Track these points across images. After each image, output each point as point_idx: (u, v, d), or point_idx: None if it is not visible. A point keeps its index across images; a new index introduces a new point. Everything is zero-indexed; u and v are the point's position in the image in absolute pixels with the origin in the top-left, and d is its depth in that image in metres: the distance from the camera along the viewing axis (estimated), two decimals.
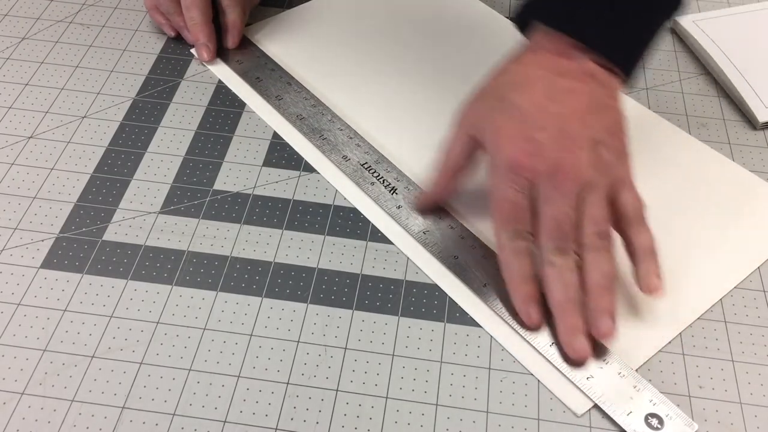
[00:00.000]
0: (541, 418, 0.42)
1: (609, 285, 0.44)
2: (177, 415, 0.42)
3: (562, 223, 0.44)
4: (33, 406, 0.42)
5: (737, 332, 0.46)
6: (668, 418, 0.42)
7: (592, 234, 0.44)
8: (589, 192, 0.45)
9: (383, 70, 0.61)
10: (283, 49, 0.63)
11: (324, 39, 0.64)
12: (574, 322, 0.44)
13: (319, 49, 0.63)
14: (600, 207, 0.45)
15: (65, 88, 0.60)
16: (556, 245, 0.44)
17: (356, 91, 0.60)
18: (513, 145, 0.46)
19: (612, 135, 0.47)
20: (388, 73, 0.52)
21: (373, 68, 0.62)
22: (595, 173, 0.45)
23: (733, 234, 0.51)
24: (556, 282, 0.44)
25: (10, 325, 0.45)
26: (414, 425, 0.42)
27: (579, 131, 0.46)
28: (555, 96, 0.47)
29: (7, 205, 0.52)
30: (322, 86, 0.60)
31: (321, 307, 0.47)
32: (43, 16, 0.67)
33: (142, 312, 0.46)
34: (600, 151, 0.46)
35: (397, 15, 0.66)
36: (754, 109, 0.59)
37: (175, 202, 0.52)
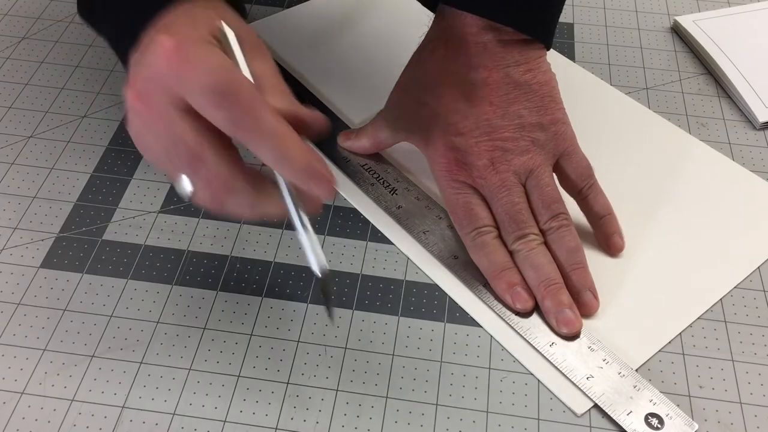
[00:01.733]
0: (541, 418, 0.42)
1: (579, 259, 0.46)
2: (177, 415, 0.42)
3: (515, 213, 0.46)
4: (33, 406, 0.42)
5: (737, 332, 0.46)
6: (668, 417, 0.42)
7: (547, 219, 0.47)
8: (530, 176, 0.47)
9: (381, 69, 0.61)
10: (282, 48, 0.63)
11: (322, 38, 0.64)
12: (555, 299, 0.45)
13: (317, 48, 0.63)
14: (546, 188, 0.47)
15: (65, 88, 0.60)
16: (514, 235, 0.46)
17: (355, 91, 0.60)
18: (440, 157, 0.47)
19: (540, 111, 0.47)
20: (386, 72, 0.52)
21: (371, 67, 0.62)
22: (531, 157, 0.47)
23: (733, 234, 0.51)
24: (525, 267, 0.46)
25: (10, 324, 0.45)
26: (414, 425, 0.42)
27: (501, 123, 0.47)
28: (470, 93, 0.47)
29: (7, 205, 0.52)
30: (320, 84, 0.60)
31: (321, 307, 0.47)
32: (43, 16, 0.67)
33: (142, 312, 0.46)
34: (530, 134, 0.47)
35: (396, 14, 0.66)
36: (754, 109, 0.59)
37: (175, 202, 0.52)
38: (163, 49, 0.34)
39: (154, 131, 0.36)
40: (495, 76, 0.46)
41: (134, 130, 0.37)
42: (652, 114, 0.59)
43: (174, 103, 0.35)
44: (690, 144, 0.57)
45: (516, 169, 0.47)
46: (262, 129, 0.34)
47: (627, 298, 0.47)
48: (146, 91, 0.35)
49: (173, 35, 0.34)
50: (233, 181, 0.36)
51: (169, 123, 0.35)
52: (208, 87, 0.33)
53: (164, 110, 0.35)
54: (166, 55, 0.34)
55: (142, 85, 0.35)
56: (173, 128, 0.35)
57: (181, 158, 0.36)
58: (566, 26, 0.68)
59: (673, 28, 0.68)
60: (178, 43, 0.34)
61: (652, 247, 0.50)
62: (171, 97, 0.34)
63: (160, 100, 0.35)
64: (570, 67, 0.63)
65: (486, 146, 0.47)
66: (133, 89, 0.36)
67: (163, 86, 0.34)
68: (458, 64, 0.47)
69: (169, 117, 0.35)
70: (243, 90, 0.34)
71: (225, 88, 0.33)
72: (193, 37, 0.35)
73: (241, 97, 0.34)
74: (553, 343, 0.45)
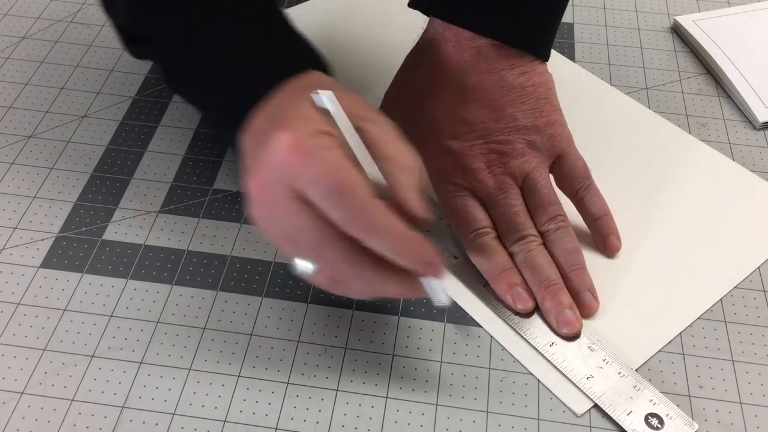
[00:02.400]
0: (541, 418, 0.42)
1: (577, 260, 0.46)
2: (177, 415, 0.42)
3: (513, 216, 0.46)
4: (33, 406, 0.42)
5: (737, 332, 0.46)
6: (668, 417, 0.42)
7: (545, 221, 0.47)
8: (527, 179, 0.47)
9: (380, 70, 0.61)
10: None
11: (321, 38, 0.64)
12: (555, 300, 0.45)
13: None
14: (543, 191, 0.47)
15: (65, 88, 0.60)
16: (513, 238, 0.46)
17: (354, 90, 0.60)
18: (436, 160, 0.47)
19: (535, 113, 0.47)
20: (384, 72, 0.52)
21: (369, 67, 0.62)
22: (527, 160, 0.47)
23: (733, 234, 0.51)
24: (525, 269, 0.46)
25: (10, 324, 0.45)
26: (414, 425, 0.42)
27: (496, 126, 0.47)
28: (464, 96, 0.47)
29: (7, 205, 0.52)
30: None
31: (321, 307, 0.47)
32: (43, 16, 0.67)
33: (142, 311, 0.46)
34: (526, 137, 0.47)
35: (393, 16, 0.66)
36: (754, 109, 0.59)
37: (175, 202, 0.52)
38: (281, 147, 0.36)
39: (276, 219, 0.38)
40: (489, 79, 0.46)
41: (256, 216, 0.38)
42: (652, 114, 0.59)
43: (294, 196, 0.36)
44: (690, 144, 0.57)
45: (512, 171, 0.47)
46: (374, 229, 0.36)
47: (627, 298, 0.47)
48: (267, 184, 0.37)
49: (290, 130, 0.36)
50: (356, 266, 0.37)
51: (290, 213, 0.36)
52: (323, 186, 0.35)
53: (285, 202, 0.36)
54: (284, 153, 0.35)
55: (264, 179, 0.37)
56: (295, 219, 0.36)
57: (305, 245, 0.37)
58: (566, 26, 0.68)
59: (673, 28, 0.68)
60: (296, 141, 0.36)
61: (652, 247, 0.50)
62: (291, 191, 0.36)
63: (281, 193, 0.36)
64: (570, 67, 0.63)
65: (481, 149, 0.47)
66: (255, 181, 0.37)
67: (282, 181, 0.36)
68: (452, 68, 0.47)
69: (290, 208, 0.36)
70: (356, 190, 0.35)
71: (339, 189, 0.35)
72: (308, 131, 0.36)
73: (354, 198, 0.35)
74: (553, 343, 0.45)
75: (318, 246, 0.37)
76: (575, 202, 0.49)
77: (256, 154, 0.38)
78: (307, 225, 0.36)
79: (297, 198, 0.36)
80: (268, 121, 0.38)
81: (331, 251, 0.37)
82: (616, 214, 0.49)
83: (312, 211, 0.36)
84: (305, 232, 0.37)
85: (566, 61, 0.64)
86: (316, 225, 0.36)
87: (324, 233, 0.36)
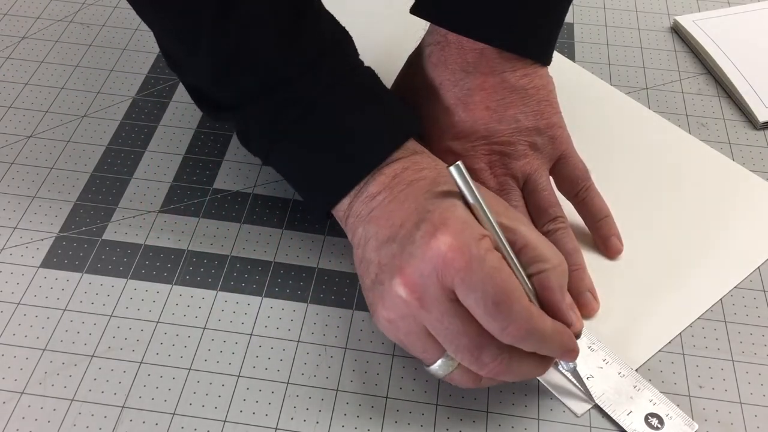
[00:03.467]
0: (541, 418, 0.42)
1: (577, 261, 0.47)
2: (177, 415, 0.42)
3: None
4: (33, 406, 0.42)
5: (737, 332, 0.46)
6: (668, 417, 0.42)
7: (545, 222, 0.47)
8: (528, 180, 0.47)
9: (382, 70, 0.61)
10: None
11: None
12: None
13: None
14: (543, 192, 0.47)
15: (65, 88, 0.60)
16: None
17: None
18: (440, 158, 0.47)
19: (536, 115, 0.47)
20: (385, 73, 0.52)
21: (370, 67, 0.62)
22: (528, 162, 0.47)
23: (733, 234, 0.51)
24: None
25: (10, 324, 0.45)
26: (414, 425, 0.42)
27: (498, 128, 0.47)
28: (466, 98, 0.47)
29: (7, 205, 0.52)
30: None
31: (321, 307, 0.47)
32: (42, 15, 0.66)
33: (141, 311, 0.46)
34: (527, 138, 0.47)
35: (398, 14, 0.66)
36: (754, 109, 0.59)
37: (175, 201, 0.52)
38: (444, 248, 0.36)
39: (421, 319, 0.38)
40: (491, 81, 0.46)
41: (394, 315, 0.38)
42: (652, 114, 0.59)
43: (453, 299, 0.36)
44: (690, 144, 0.57)
45: (513, 173, 0.47)
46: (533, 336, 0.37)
47: (627, 298, 0.47)
48: (422, 283, 0.37)
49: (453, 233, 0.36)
50: (510, 365, 0.38)
51: (446, 315, 0.37)
52: (487, 295, 0.35)
53: (442, 303, 0.36)
54: (448, 255, 0.36)
55: (417, 277, 0.37)
56: (450, 321, 0.37)
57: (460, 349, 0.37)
58: (566, 26, 0.67)
59: (673, 28, 0.68)
60: (461, 244, 0.36)
61: (652, 247, 0.50)
62: (449, 293, 0.36)
63: (437, 294, 0.36)
64: (570, 67, 0.63)
65: (483, 150, 0.47)
66: (406, 277, 0.37)
67: (442, 282, 0.36)
68: (454, 69, 0.47)
69: (446, 310, 0.36)
70: (518, 300, 0.36)
71: (502, 299, 0.35)
72: (473, 236, 0.36)
73: (516, 308, 0.36)
74: None
75: (476, 349, 0.37)
76: (575, 204, 0.49)
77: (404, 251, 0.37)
78: (464, 329, 0.37)
79: (456, 301, 0.36)
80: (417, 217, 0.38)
81: (489, 355, 0.37)
82: (615, 214, 0.49)
83: (470, 315, 0.36)
84: (463, 335, 0.37)
85: (566, 61, 0.64)
86: (475, 329, 0.37)
87: (484, 338, 0.37)
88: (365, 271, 0.40)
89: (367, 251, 0.40)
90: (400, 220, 0.39)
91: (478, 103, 0.47)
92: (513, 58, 0.46)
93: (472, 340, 0.37)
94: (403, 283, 0.37)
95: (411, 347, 0.40)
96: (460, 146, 0.47)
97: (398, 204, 0.40)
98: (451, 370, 0.39)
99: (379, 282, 0.39)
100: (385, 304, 0.38)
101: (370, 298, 0.40)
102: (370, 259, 0.40)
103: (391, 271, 0.38)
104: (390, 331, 0.39)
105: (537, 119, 0.47)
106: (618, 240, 0.49)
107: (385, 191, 0.41)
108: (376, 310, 0.39)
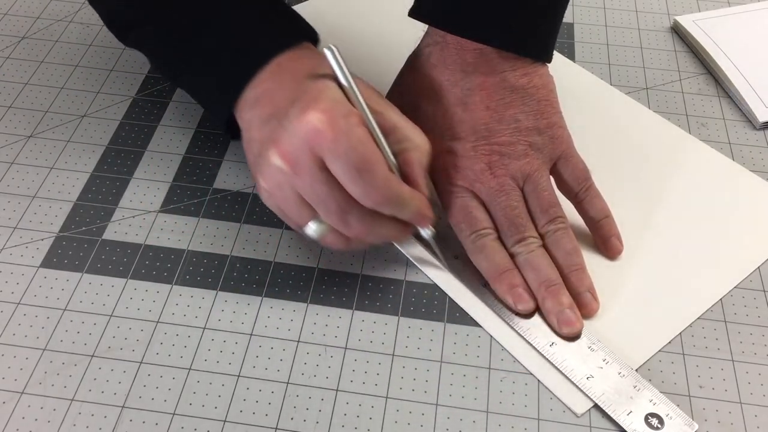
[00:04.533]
0: (541, 418, 0.42)
1: (577, 261, 0.47)
2: (177, 415, 0.42)
3: (514, 217, 0.47)
4: (33, 406, 0.42)
5: (737, 332, 0.46)
6: (668, 417, 0.42)
7: (545, 223, 0.47)
8: (528, 181, 0.47)
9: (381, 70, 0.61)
10: None
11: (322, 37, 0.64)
12: (556, 300, 0.45)
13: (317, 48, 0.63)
14: (543, 192, 0.47)
15: (65, 88, 0.60)
16: (514, 239, 0.47)
17: None
18: (437, 161, 0.47)
19: (537, 115, 0.47)
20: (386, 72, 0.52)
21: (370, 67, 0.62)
22: (528, 162, 0.47)
23: (733, 234, 0.51)
24: (526, 269, 0.46)
25: (10, 324, 0.45)
26: (414, 425, 0.42)
27: (498, 128, 0.47)
28: (466, 98, 0.47)
29: (6, 205, 0.52)
30: None
31: (321, 307, 0.47)
32: (42, 15, 0.66)
33: (142, 311, 0.46)
34: (527, 138, 0.47)
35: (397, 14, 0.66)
36: (754, 109, 0.59)
37: (175, 201, 0.52)
38: (315, 122, 0.39)
39: (296, 186, 0.41)
40: (491, 81, 0.46)
41: (271, 182, 0.42)
42: (652, 114, 0.59)
43: (322, 167, 0.40)
44: (690, 144, 0.57)
45: (513, 173, 0.47)
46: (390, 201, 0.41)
47: (627, 298, 0.47)
48: (295, 152, 0.40)
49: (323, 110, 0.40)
50: (372, 226, 0.42)
51: (316, 181, 0.40)
52: (350, 162, 0.39)
53: (312, 170, 0.40)
54: (318, 127, 0.39)
55: (292, 147, 0.40)
56: (320, 186, 0.40)
57: (328, 211, 0.41)
58: (566, 26, 0.68)
59: (673, 28, 0.68)
60: (330, 118, 0.39)
61: (652, 247, 0.50)
62: (319, 161, 0.40)
63: (308, 162, 0.40)
64: (570, 67, 0.63)
65: (483, 150, 0.47)
66: (280, 147, 0.41)
67: (312, 151, 0.40)
68: (454, 70, 0.47)
69: (316, 176, 0.40)
70: (378, 168, 0.40)
71: (363, 166, 0.39)
72: (341, 112, 0.40)
73: (375, 175, 0.40)
74: (553, 343, 0.45)
75: (342, 212, 0.41)
76: (576, 204, 0.49)
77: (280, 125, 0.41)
78: (332, 193, 0.40)
79: (325, 169, 0.40)
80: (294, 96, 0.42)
81: (354, 218, 0.41)
82: (615, 214, 0.49)
83: (337, 182, 0.40)
84: (331, 199, 0.41)
85: (566, 61, 0.64)
86: (342, 195, 0.41)
87: (349, 202, 0.41)
88: (250, 150, 0.44)
89: (252, 131, 0.44)
90: (280, 101, 0.42)
91: (477, 103, 0.47)
92: (512, 58, 0.46)
93: (339, 204, 0.41)
94: (278, 153, 0.40)
95: (289, 213, 0.43)
96: (460, 146, 0.47)
97: (280, 87, 0.43)
98: (323, 232, 0.43)
99: (260, 156, 0.42)
100: (264, 175, 0.42)
101: (254, 172, 0.43)
102: (254, 138, 0.43)
103: (268, 144, 0.41)
104: (270, 200, 0.43)
105: (537, 119, 0.47)
106: (618, 240, 0.49)
107: (271, 79, 0.44)
108: (258, 182, 0.43)
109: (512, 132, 0.47)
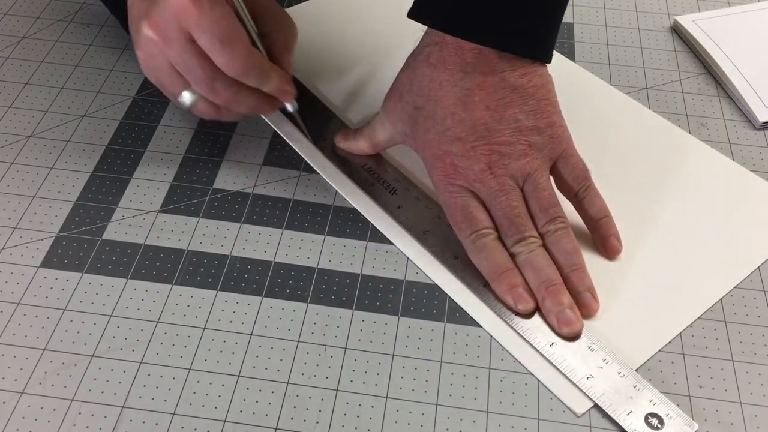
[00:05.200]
0: (541, 418, 0.42)
1: (577, 261, 0.47)
2: (177, 415, 0.42)
3: (514, 217, 0.47)
4: (33, 406, 0.42)
5: (737, 332, 0.46)
6: (668, 417, 0.42)
7: (545, 222, 0.47)
8: (528, 180, 0.47)
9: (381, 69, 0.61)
10: None
11: (322, 37, 0.64)
12: (556, 300, 0.45)
13: (318, 48, 0.63)
14: (543, 192, 0.47)
15: (65, 87, 0.60)
16: (514, 239, 0.46)
17: (354, 90, 0.60)
18: (437, 161, 0.48)
19: (536, 115, 0.47)
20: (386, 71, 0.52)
21: (371, 67, 0.62)
22: (528, 161, 0.47)
23: (733, 234, 0.51)
24: (526, 269, 0.46)
25: (9, 324, 0.45)
26: (414, 425, 0.42)
27: (497, 127, 0.47)
28: (465, 98, 0.47)
29: (6, 204, 0.52)
30: (320, 83, 0.60)
31: (321, 307, 0.47)
32: (42, 15, 0.66)
33: (142, 311, 0.46)
34: (527, 138, 0.47)
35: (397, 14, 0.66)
36: (754, 109, 0.59)
37: (175, 201, 0.52)
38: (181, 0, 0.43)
39: (168, 57, 0.46)
40: (490, 81, 0.46)
41: (146, 53, 0.46)
42: (652, 114, 0.59)
43: (189, 39, 0.44)
44: (690, 144, 0.57)
45: (513, 173, 0.47)
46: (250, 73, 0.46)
47: (627, 298, 0.47)
48: (164, 26, 0.44)
49: None
50: (238, 95, 0.47)
51: (184, 52, 0.45)
52: (213, 35, 0.44)
53: (180, 43, 0.44)
54: (183, 4, 0.43)
55: (161, 21, 0.44)
56: (188, 57, 0.45)
57: (197, 80, 0.46)
58: (566, 26, 0.68)
59: (673, 28, 0.68)
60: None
61: (652, 247, 0.50)
62: (186, 34, 0.44)
63: (176, 35, 0.44)
64: (570, 67, 0.63)
65: (483, 150, 0.47)
66: (152, 21, 0.45)
67: (179, 25, 0.44)
68: (453, 70, 0.47)
69: (184, 48, 0.45)
70: (239, 42, 0.45)
71: (225, 38, 0.44)
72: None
73: (236, 48, 0.45)
74: (553, 343, 0.45)
75: (210, 80, 0.46)
76: (575, 204, 0.49)
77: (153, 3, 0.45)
78: (200, 63, 0.45)
79: (192, 41, 0.44)
80: None
81: (221, 86, 0.46)
82: (615, 214, 0.49)
83: (204, 53, 0.45)
84: (198, 68, 0.45)
85: (566, 61, 0.64)
86: (209, 65, 0.45)
87: (216, 72, 0.46)
88: (132, 27, 0.48)
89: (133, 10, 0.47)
90: None
91: (477, 103, 0.47)
92: (512, 58, 0.46)
93: (207, 73, 0.45)
94: (150, 26, 0.45)
95: (164, 82, 0.47)
96: (460, 146, 0.47)
97: None
98: (195, 100, 0.47)
99: (137, 31, 0.46)
100: (140, 46, 0.46)
101: (135, 47, 0.47)
102: (134, 15, 0.47)
103: (143, 18, 0.46)
104: (147, 69, 0.48)
105: (537, 118, 0.47)
106: (617, 240, 0.49)
107: None
108: (137, 52, 0.47)
109: (512, 132, 0.47)
